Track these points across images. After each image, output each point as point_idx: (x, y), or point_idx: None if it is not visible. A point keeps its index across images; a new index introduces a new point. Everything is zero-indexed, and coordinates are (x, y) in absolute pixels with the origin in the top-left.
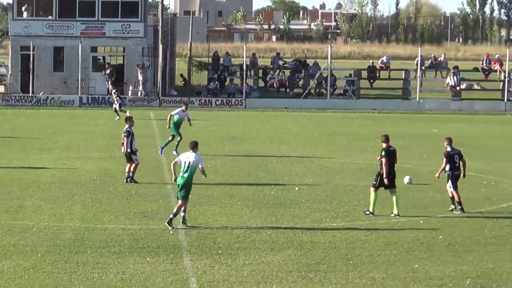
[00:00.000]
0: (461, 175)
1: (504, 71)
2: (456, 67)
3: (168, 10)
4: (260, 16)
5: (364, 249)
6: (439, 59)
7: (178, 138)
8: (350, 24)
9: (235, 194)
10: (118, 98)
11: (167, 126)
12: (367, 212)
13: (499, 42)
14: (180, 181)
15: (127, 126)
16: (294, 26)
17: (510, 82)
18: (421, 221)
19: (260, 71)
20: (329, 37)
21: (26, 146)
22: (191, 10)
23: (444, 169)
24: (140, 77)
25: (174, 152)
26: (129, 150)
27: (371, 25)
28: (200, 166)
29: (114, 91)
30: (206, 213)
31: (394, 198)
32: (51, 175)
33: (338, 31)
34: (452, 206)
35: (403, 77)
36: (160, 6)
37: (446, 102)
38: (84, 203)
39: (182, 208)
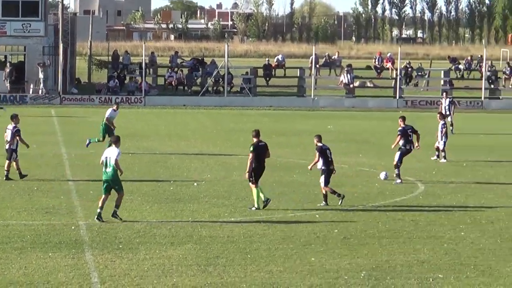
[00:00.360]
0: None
1: (396, 69)
2: (349, 65)
3: (68, 10)
4: (159, 16)
5: (262, 243)
6: (333, 58)
7: (101, 139)
8: (246, 23)
9: (135, 190)
10: None
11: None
12: (253, 208)
13: (391, 41)
14: (104, 176)
15: (14, 123)
16: (192, 25)
17: (401, 79)
18: (317, 216)
19: (159, 70)
20: (226, 36)
21: None
22: (91, 10)
23: (316, 163)
24: (41, 75)
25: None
26: (14, 148)
27: (266, 24)
28: (113, 159)
29: None
30: (107, 208)
31: (256, 191)
32: None
33: (235, 30)
34: (340, 201)
35: (298, 75)
36: (60, 6)
37: (340, 99)
38: None
39: (116, 203)
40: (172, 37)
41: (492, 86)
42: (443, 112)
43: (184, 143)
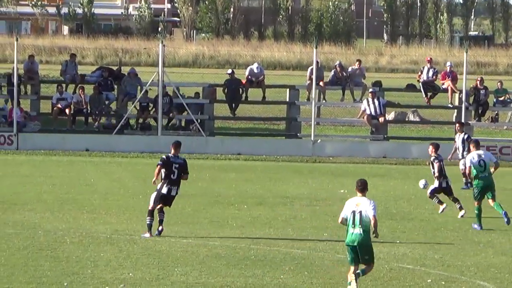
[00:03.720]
0: None
1: (460, 91)
2: (377, 83)
3: None
4: None
5: None
6: (348, 69)
7: None
8: (196, 8)
9: None
10: None
11: None
12: None
13: (449, 41)
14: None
15: None
16: (100, 10)
17: (469, 109)
18: None
19: (43, 87)
20: (160, 30)
21: None
22: None
23: None
24: None
25: None
26: None
27: (231, 11)
28: None
29: None
30: None
31: None
32: None
33: (176, 20)
34: None
35: (288, 99)
36: None
37: (361, 143)
38: None
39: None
40: (65, 29)
41: None
42: None
43: (87, 216)
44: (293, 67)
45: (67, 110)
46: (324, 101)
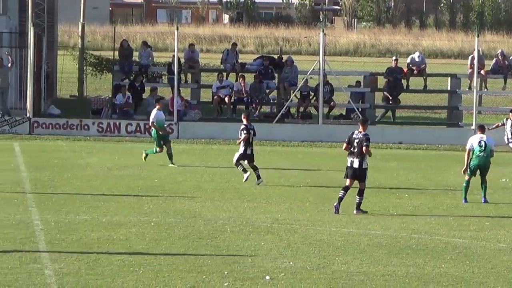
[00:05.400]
0: None
1: None
2: None
3: None
4: None
5: None
6: (510, 58)
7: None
8: None
9: None
10: None
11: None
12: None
13: None
14: None
15: None
16: None
17: None
18: None
19: (203, 76)
20: (320, 18)
21: None
22: None
23: None
24: None
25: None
26: None
27: (393, 1)
28: None
29: None
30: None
31: None
32: None
33: (337, 8)
34: None
35: (449, 87)
36: None
37: None
38: None
39: None
40: (226, 18)
41: None
42: None
43: (248, 205)
44: (454, 56)
45: (226, 99)
46: (485, 89)
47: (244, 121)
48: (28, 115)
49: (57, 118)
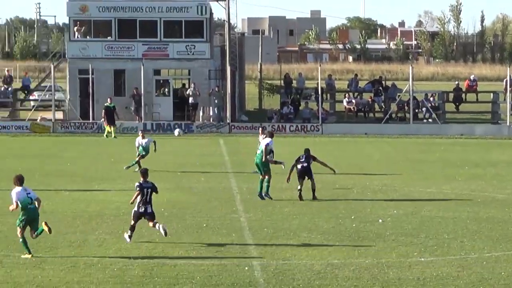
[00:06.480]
0: None
1: None
2: None
3: (236, 30)
4: (335, 35)
5: (456, 286)
6: None
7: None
8: (432, 42)
9: (313, 227)
10: None
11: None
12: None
13: None
14: None
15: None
16: (371, 45)
17: None
18: None
19: (337, 95)
20: (410, 57)
21: (87, 176)
22: (260, 29)
23: None
24: (215, 102)
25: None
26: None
27: (454, 44)
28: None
29: None
30: (284, 247)
31: None
32: (115, 207)
33: (420, 50)
34: None
35: (491, 99)
36: (226, 25)
37: None
38: (152, 237)
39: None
40: (350, 58)
41: None
42: None
43: (366, 175)
44: (494, 79)
45: (352, 109)
46: None
47: None
48: (228, 121)
49: (246, 123)
